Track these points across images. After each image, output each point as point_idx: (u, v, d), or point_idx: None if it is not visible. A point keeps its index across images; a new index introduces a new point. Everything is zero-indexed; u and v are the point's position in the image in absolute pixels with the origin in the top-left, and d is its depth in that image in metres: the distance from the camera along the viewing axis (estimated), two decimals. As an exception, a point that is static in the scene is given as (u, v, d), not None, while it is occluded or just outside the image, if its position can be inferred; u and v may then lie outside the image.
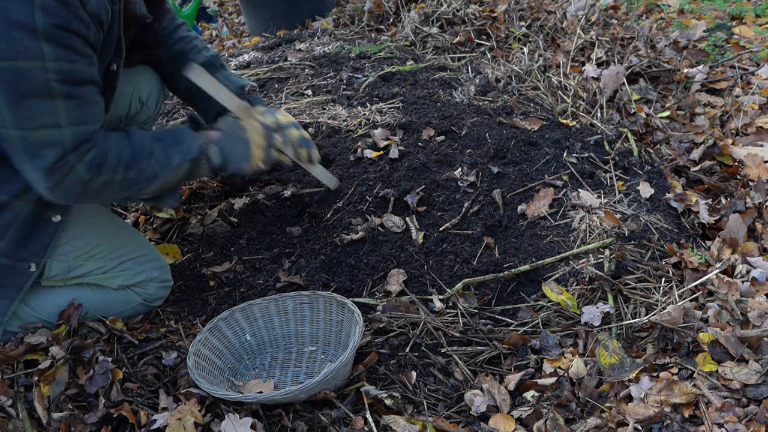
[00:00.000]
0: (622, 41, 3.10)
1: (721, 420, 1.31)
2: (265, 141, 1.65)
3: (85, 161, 1.36)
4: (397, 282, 1.78)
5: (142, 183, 1.48)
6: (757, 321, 1.52)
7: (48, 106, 1.27)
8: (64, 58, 1.25)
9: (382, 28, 3.49)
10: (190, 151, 1.53)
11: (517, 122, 2.31)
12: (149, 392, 1.52)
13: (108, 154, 1.40)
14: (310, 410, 1.46)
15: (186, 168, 1.54)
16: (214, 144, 1.59)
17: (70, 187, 1.37)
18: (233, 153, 1.61)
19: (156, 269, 1.75)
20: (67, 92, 1.28)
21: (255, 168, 1.66)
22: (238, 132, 1.63)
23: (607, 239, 1.83)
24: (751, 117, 2.49)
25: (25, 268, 1.55)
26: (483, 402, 1.45)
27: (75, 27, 1.24)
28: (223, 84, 1.72)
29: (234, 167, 1.62)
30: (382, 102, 2.43)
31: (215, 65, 1.83)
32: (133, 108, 1.82)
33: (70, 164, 1.34)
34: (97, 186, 1.41)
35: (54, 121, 1.29)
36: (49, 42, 1.22)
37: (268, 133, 1.66)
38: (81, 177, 1.37)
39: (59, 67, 1.25)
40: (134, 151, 1.45)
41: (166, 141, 1.52)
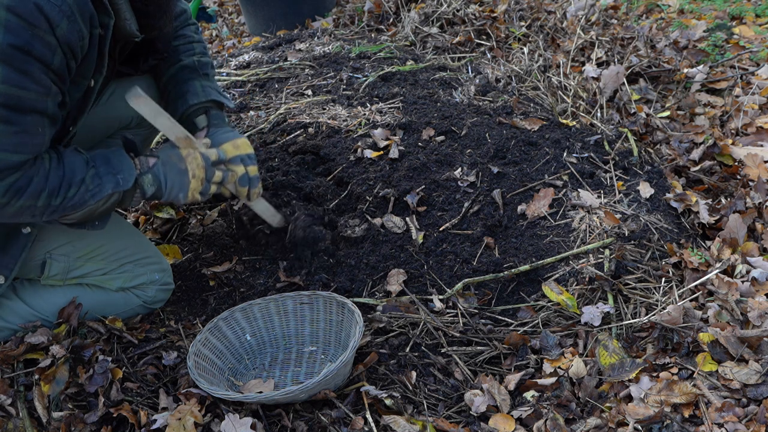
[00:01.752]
0: (622, 41, 3.10)
1: (721, 420, 1.31)
2: (204, 174, 1.56)
3: (3, 184, 1.25)
4: (397, 282, 1.78)
5: (67, 210, 1.40)
6: (757, 321, 1.52)
7: None
8: (14, 83, 1.17)
9: (382, 28, 3.49)
10: (126, 182, 1.44)
11: (517, 122, 2.31)
12: (149, 392, 1.52)
13: (33, 180, 1.30)
14: (310, 410, 1.46)
15: (117, 198, 1.46)
16: (149, 172, 1.51)
17: None
18: (169, 183, 1.53)
19: (157, 272, 1.75)
20: (5, 117, 1.19)
21: (191, 199, 1.58)
22: (177, 162, 1.54)
23: (607, 239, 1.83)
24: (751, 117, 2.49)
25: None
26: (483, 402, 1.45)
27: (36, 51, 1.16)
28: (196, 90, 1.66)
29: (168, 197, 1.55)
30: (382, 102, 2.43)
31: (198, 71, 1.74)
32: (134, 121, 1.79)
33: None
34: (14, 210, 1.31)
35: None
36: (2, 63, 1.14)
37: (208, 166, 1.57)
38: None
39: (5, 90, 1.16)
40: (63, 177, 1.35)
41: (100, 168, 1.42)
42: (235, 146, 1.64)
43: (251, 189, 1.69)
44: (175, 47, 1.74)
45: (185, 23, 1.79)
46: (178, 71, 1.73)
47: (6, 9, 1.12)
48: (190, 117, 1.70)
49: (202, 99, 1.69)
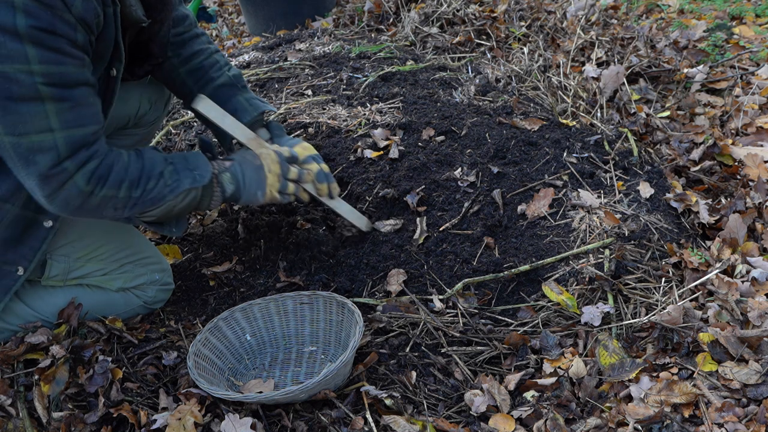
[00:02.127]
0: (622, 41, 3.10)
1: (721, 420, 1.31)
2: (279, 168, 1.58)
3: (85, 171, 1.31)
4: (397, 282, 1.78)
5: (146, 204, 1.43)
6: (757, 321, 1.52)
7: (38, 110, 1.22)
8: (51, 61, 1.20)
9: (382, 28, 3.49)
10: (202, 177, 1.48)
11: (517, 122, 2.31)
12: (149, 392, 1.52)
13: (113, 168, 1.35)
14: (310, 410, 1.46)
15: (196, 195, 1.49)
16: (227, 171, 1.53)
17: (68, 198, 1.32)
18: (247, 180, 1.55)
19: (157, 272, 1.75)
20: (58, 95, 1.23)
21: (270, 198, 1.59)
22: (252, 159, 1.57)
23: (607, 239, 1.83)
24: (751, 117, 2.49)
25: (12, 271, 1.52)
26: (483, 402, 1.45)
27: (60, 29, 1.19)
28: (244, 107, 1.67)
29: (248, 197, 1.57)
30: (382, 102, 2.43)
31: (237, 86, 1.75)
32: (141, 108, 1.79)
33: (68, 172, 1.29)
34: (97, 200, 1.35)
35: (45, 126, 1.24)
36: (33, 44, 1.17)
37: (283, 161, 1.60)
38: (80, 188, 1.31)
39: (46, 70, 1.20)
40: (143, 170, 1.40)
41: (178, 164, 1.47)
42: (303, 148, 1.68)
43: (330, 185, 1.71)
44: (200, 66, 1.74)
45: (193, 33, 1.77)
46: (217, 91, 1.72)
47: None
48: None
49: (254, 114, 1.72)
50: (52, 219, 1.52)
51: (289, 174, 1.61)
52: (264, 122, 1.75)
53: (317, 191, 1.69)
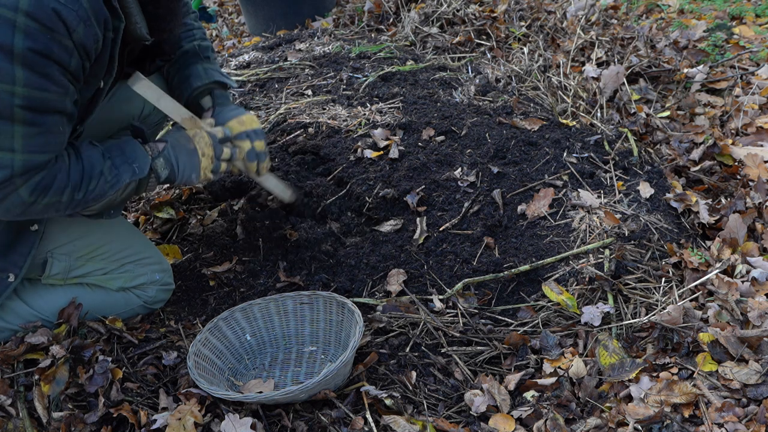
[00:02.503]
0: (622, 41, 3.10)
1: (721, 420, 1.31)
2: (212, 151, 1.60)
3: (30, 184, 1.29)
4: (397, 282, 1.78)
5: (89, 203, 1.43)
6: (757, 321, 1.52)
7: (6, 129, 1.21)
8: (36, 86, 1.20)
9: (382, 28, 3.49)
10: (141, 170, 1.48)
11: (517, 122, 2.31)
12: (149, 392, 1.52)
13: (56, 177, 1.34)
14: (310, 410, 1.46)
15: (134, 186, 1.49)
16: (160, 156, 1.53)
17: (10, 207, 1.31)
18: (180, 164, 1.56)
19: (158, 272, 1.75)
20: (30, 119, 1.23)
21: (204, 179, 1.61)
22: (185, 143, 1.57)
23: (607, 239, 1.83)
24: (751, 117, 2.49)
25: (3, 278, 1.52)
26: (483, 402, 1.45)
27: (55, 55, 1.19)
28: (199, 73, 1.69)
29: (182, 179, 1.58)
30: (382, 102, 2.43)
31: (199, 55, 1.76)
32: (145, 109, 1.80)
33: (14, 186, 1.28)
34: (40, 207, 1.35)
35: (8, 145, 1.23)
36: (24, 67, 1.17)
37: (216, 143, 1.61)
38: (23, 199, 1.30)
39: (28, 93, 1.20)
40: (83, 171, 1.39)
41: (116, 159, 1.45)
42: (240, 122, 1.67)
43: (260, 164, 1.71)
44: (177, 35, 1.75)
45: (186, 13, 1.78)
46: (180, 57, 1.74)
47: (25, 15, 1.14)
48: (195, 99, 1.73)
49: (206, 81, 1.72)
50: (38, 223, 1.51)
51: (222, 155, 1.62)
52: (210, 91, 1.74)
53: (246, 169, 1.71)
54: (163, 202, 2.23)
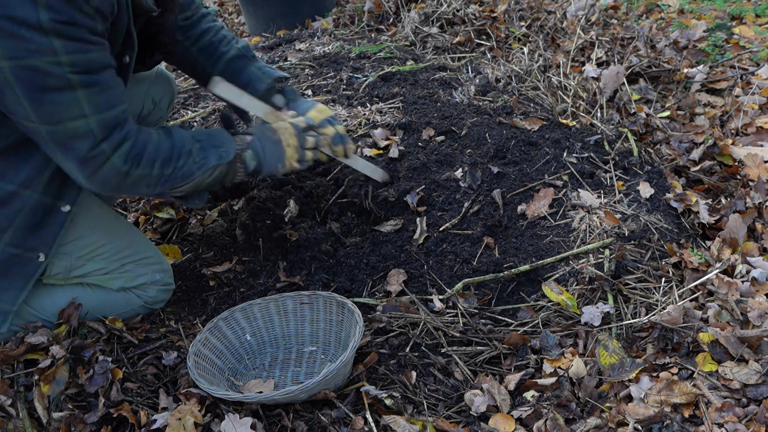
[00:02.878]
0: (622, 41, 3.10)
1: (721, 420, 1.31)
2: (297, 141, 1.65)
3: (121, 152, 1.37)
4: (397, 282, 1.78)
5: (177, 180, 1.50)
6: (757, 321, 1.52)
7: (70, 97, 1.28)
8: (76, 50, 1.25)
9: (382, 28, 3.49)
10: (227, 154, 1.54)
11: (517, 122, 2.31)
12: (149, 392, 1.52)
13: (146, 147, 1.42)
14: (310, 410, 1.46)
15: (222, 170, 1.56)
16: (248, 148, 1.60)
17: (107, 178, 1.39)
18: (267, 155, 1.61)
19: (158, 272, 1.75)
20: (87, 81, 1.29)
21: (290, 168, 1.66)
22: (270, 134, 1.64)
23: (607, 239, 1.83)
24: (751, 117, 2.49)
25: (33, 258, 1.54)
26: (483, 402, 1.45)
27: (80, 20, 1.25)
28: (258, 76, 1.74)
29: (269, 170, 1.63)
30: (382, 102, 2.43)
31: (247, 57, 1.81)
32: (145, 108, 1.83)
33: (105, 154, 1.35)
34: (133, 179, 1.42)
35: (79, 112, 1.30)
36: (58, 37, 1.22)
37: (300, 133, 1.66)
38: (118, 168, 1.38)
39: (73, 59, 1.25)
40: (173, 148, 1.46)
41: (204, 142, 1.53)
42: (318, 111, 1.74)
43: (346, 146, 1.77)
44: (210, 42, 1.79)
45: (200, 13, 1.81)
46: (229, 64, 1.79)
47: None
48: (263, 100, 1.76)
49: (268, 81, 1.78)
50: (70, 203, 1.55)
51: (307, 144, 1.67)
52: (278, 88, 1.80)
53: (334, 153, 1.76)
54: (163, 202, 2.23)
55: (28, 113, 1.28)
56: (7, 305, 1.55)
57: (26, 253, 1.53)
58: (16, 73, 1.22)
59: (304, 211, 2.00)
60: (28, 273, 1.55)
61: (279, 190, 2.02)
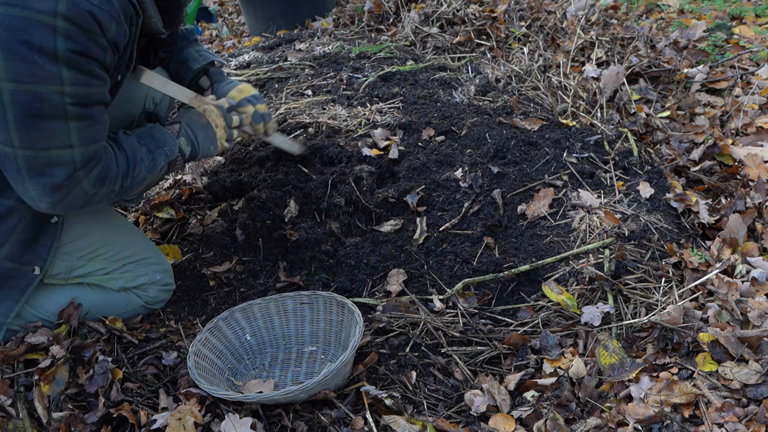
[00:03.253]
0: (622, 41, 3.10)
1: (721, 420, 1.31)
2: (224, 121, 1.71)
3: (92, 177, 1.39)
4: (397, 282, 1.78)
5: (134, 188, 1.52)
6: (757, 321, 1.52)
7: (62, 127, 1.29)
8: (81, 83, 1.28)
9: (382, 28, 3.49)
10: (172, 152, 1.58)
11: (517, 122, 2.31)
12: (149, 392, 1.52)
13: (110, 166, 1.43)
14: (310, 410, 1.46)
15: (167, 167, 1.59)
16: (180, 136, 1.63)
17: (73, 201, 1.40)
18: (200, 140, 1.66)
19: (159, 272, 1.75)
20: (82, 114, 1.31)
21: (221, 149, 1.72)
22: (198, 119, 1.68)
23: (607, 239, 1.83)
24: (751, 117, 2.49)
25: (29, 271, 1.55)
26: (483, 402, 1.45)
27: (94, 53, 1.27)
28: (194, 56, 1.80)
29: (202, 153, 1.68)
30: (382, 102, 2.43)
31: (188, 38, 1.87)
32: (147, 108, 1.86)
33: (77, 181, 1.37)
34: (99, 197, 1.44)
35: (66, 142, 1.31)
36: (68, 67, 1.24)
37: (225, 113, 1.72)
38: (86, 191, 1.40)
39: (76, 91, 1.28)
40: (127, 160, 1.48)
41: (149, 144, 1.55)
42: (239, 91, 1.79)
43: (266, 124, 1.83)
44: None
45: None
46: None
47: (64, 19, 1.21)
48: (194, 80, 1.85)
49: (202, 63, 1.84)
50: (57, 215, 1.57)
51: (233, 123, 1.74)
52: (205, 71, 1.86)
53: (254, 131, 1.83)
54: (163, 202, 2.23)
55: (11, 137, 1.27)
56: (2, 317, 1.56)
57: (22, 267, 1.54)
58: (16, 96, 1.23)
59: (304, 211, 1.99)
60: (24, 286, 1.56)
61: (279, 190, 2.01)
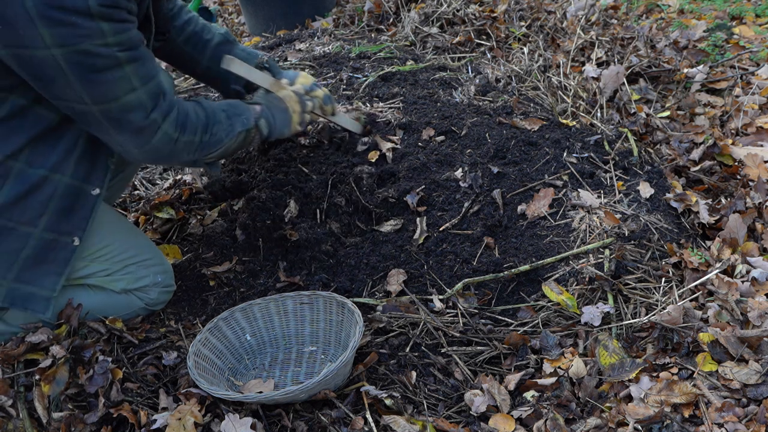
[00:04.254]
0: (622, 41, 3.10)
1: (721, 420, 1.31)
2: (300, 107, 1.82)
3: (170, 120, 1.48)
4: (397, 282, 1.78)
5: (212, 146, 1.61)
6: (757, 321, 1.52)
7: (120, 74, 1.37)
8: (120, 30, 1.34)
9: (382, 28, 3.49)
10: (248, 122, 1.68)
11: (517, 122, 2.31)
12: (149, 392, 1.52)
13: (189, 115, 1.53)
14: (310, 410, 1.46)
15: (244, 136, 1.68)
16: (261, 117, 1.73)
17: (159, 146, 1.49)
18: (277, 122, 1.76)
19: (160, 274, 1.75)
20: (132, 57, 1.38)
21: (293, 131, 1.83)
22: (277, 103, 1.79)
23: (607, 239, 1.83)
24: (751, 117, 2.49)
25: (68, 242, 1.57)
26: (483, 402, 1.45)
27: (122, 3, 1.34)
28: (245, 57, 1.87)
29: (278, 134, 1.79)
30: (382, 102, 2.43)
31: (230, 41, 1.96)
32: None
33: (157, 122, 1.45)
34: (181, 145, 1.53)
35: (130, 87, 1.39)
36: (105, 20, 1.30)
37: (302, 99, 1.83)
38: (169, 135, 1.49)
39: (119, 39, 1.34)
40: (207, 116, 1.58)
41: (228, 111, 1.66)
42: (305, 78, 1.92)
43: (333, 105, 1.97)
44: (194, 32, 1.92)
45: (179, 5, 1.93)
46: (216, 50, 1.92)
47: None
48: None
49: (255, 61, 1.88)
50: (99, 187, 1.60)
51: (307, 108, 1.85)
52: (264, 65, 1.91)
53: (324, 112, 1.95)
54: (163, 202, 2.23)
55: (81, 96, 1.35)
56: (48, 291, 1.56)
57: (61, 237, 1.56)
58: (69, 59, 1.29)
59: (304, 211, 1.99)
60: (65, 257, 1.58)
61: (279, 190, 2.01)
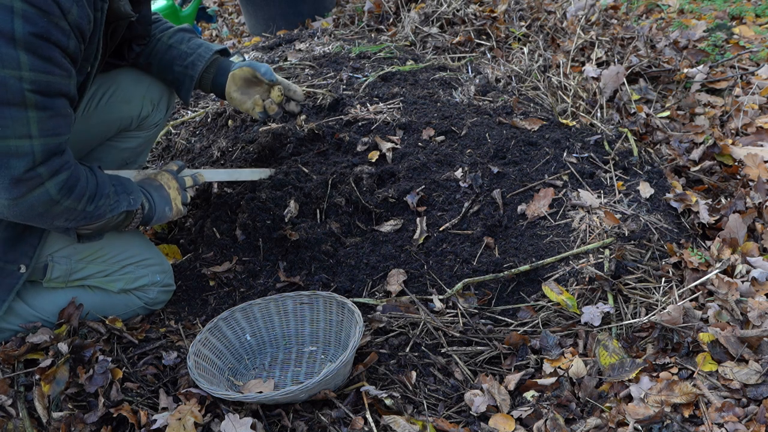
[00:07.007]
0: (622, 41, 3.10)
1: (721, 420, 1.31)
2: (177, 182, 1.72)
3: (58, 180, 1.33)
4: (397, 282, 1.78)
5: (93, 219, 1.47)
6: (757, 321, 1.52)
7: (20, 115, 1.23)
8: (41, 69, 1.22)
9: (382, 28, 3.49)
10: (135, 202, 1.56)
11: (517, 122, 2.31)
12: (149, 392, 1.52)
13: (79, 181, 1.39)
14: (310, 410, 1.46)
15: (126, 217, 1.56)
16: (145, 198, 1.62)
17: (35, 204, 1.33)
18: (156, 201, 1.65)
19: (158, 273, 1.75)
20: (41, 103, 1.25)
21: (176, 211, 1.71)
22: (151, 182, 1.69)
23: (607, 239, 1.83)
24: (751, 117, 2.49)
25: (14, 270, 1.55)
26: (483, 402, 1.45)
27: (54, 37, 1.21)
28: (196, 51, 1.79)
29: (159, 215, 1.66)
30: (382, 102, 2.43)
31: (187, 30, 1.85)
32: (144, 110, 1.83)
33: (40, 178, 1.30)
34: (60, 209, 1.38)
35: (25, 132, 1.25)
36: (27, 51, 1.19)
37: (176, 176, 1.73)
38: (51, 196, 1.33)
39: (35, 77, 1.22)
40: (97, 186, 1.45)
41: (117, 187, 1.53)
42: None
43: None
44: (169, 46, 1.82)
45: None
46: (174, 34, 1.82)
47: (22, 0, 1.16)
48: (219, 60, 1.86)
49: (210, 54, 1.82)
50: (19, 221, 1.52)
51: (186, 184, 1.76)
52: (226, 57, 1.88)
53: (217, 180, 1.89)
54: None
55: None
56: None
57: (7, 265, 1.54)
58: None
59: (304, 211, 1.99)
60: (9, 285, 1.55)
61: (279, 190, 2.01)
